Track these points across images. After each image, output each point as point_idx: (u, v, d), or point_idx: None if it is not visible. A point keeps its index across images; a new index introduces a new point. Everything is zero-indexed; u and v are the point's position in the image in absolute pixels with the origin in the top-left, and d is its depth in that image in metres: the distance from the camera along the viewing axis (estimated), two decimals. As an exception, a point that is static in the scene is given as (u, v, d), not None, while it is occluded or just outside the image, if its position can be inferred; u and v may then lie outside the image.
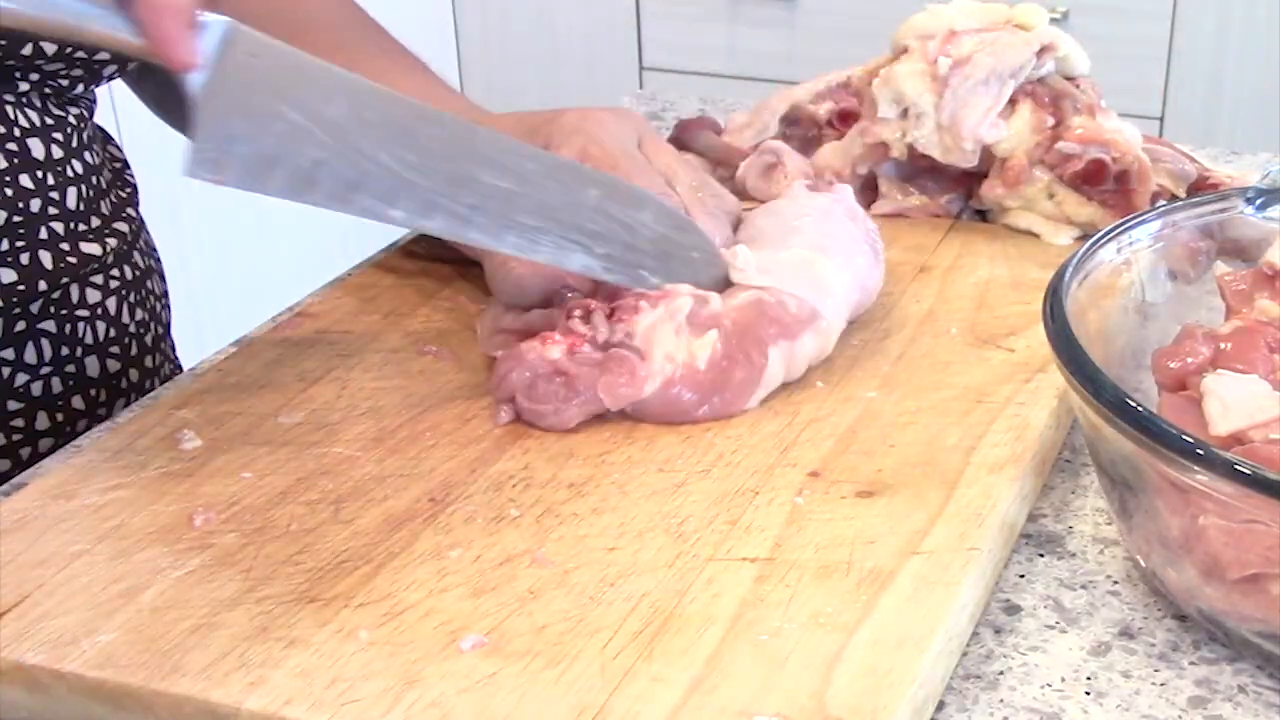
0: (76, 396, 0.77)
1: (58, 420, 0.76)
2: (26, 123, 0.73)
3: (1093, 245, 0.61)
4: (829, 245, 0.69)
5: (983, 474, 0.58)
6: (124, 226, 0.80)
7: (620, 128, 0.71)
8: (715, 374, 0.62)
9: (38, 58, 0.71)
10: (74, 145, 0.77)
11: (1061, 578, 0.57)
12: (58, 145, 0.75)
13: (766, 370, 0.63)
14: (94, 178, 0.78)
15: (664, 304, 0.63)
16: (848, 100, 0.88)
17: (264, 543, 0.55)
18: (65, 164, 0.76)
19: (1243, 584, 0.49)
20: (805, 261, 0.67)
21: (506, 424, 0.62)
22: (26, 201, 0.73)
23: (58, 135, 0.75)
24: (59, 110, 0.76)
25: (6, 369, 0.73)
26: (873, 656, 0.48)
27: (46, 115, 0.75)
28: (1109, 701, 0.50)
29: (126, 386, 0.80)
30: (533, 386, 0.62)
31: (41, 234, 0.74)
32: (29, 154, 0.73)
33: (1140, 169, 0.79)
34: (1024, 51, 0.80)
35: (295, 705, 0.47)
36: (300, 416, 0.64)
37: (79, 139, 0.77)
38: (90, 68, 0.74)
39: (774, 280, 0.66)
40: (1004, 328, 0.70)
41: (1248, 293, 0.61)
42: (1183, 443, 0.47)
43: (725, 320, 0.64)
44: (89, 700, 0.49)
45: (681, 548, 0.54)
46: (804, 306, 0.65)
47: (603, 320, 0.63)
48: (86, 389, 0.77)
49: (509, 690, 0.47)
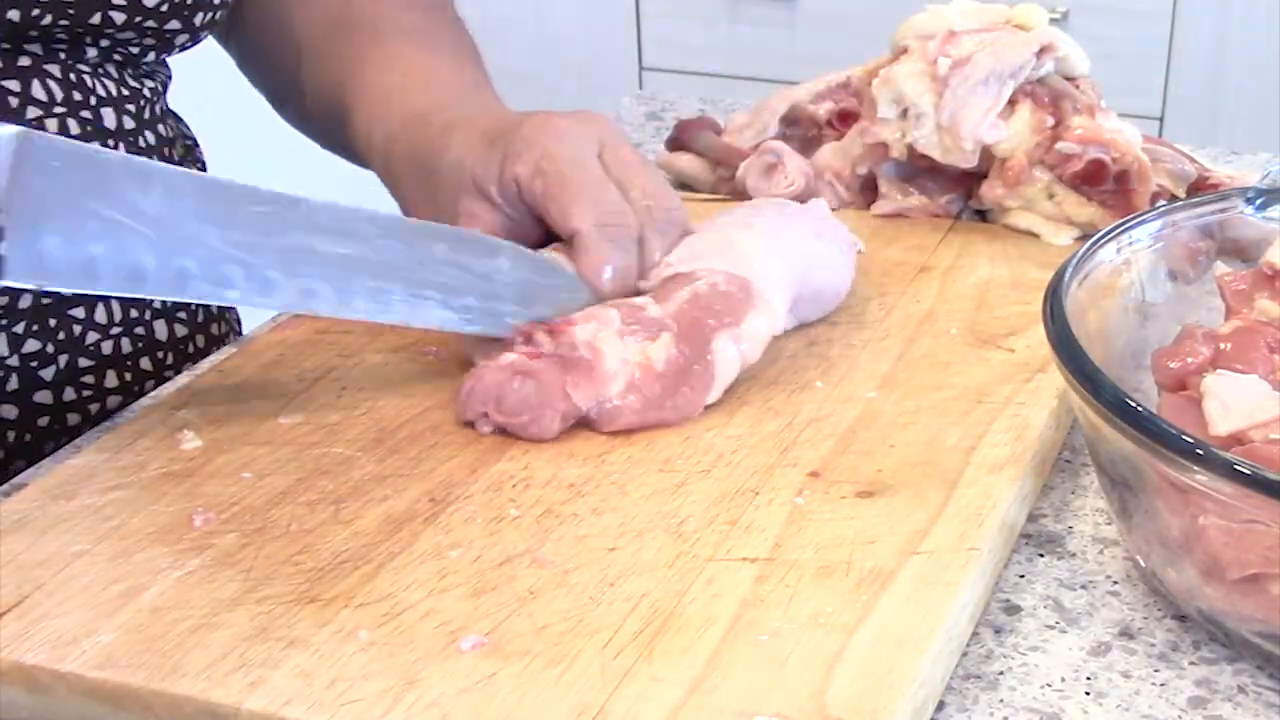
0: (145, 358, 0.78)
1: (126, 380, 0.78)
2: (103, 91, 0.75)
3: (1093, 245, 0.61)
4: (753, 222, 0.69)
5: (983, 474, 0.58)
6: None
7: (579, 136, 0.70)
8: (673, 374, 0.62)
9: (107, 26, 0.73)
10: (147, 117, 0.79)
11: (1061, 578, 0.57)
12: (130, 116, 0.77)
13: (718, 364, 0.63)
14: (166, 149, 0.81)
15: (593, 319, 0.63)
16: (848, 100, 0.88)
17: (264, 543, 0.55)
18: (138, 134, 0.77)
19: (1243, 584, 0.49)
20: (724, 239, 0.67)
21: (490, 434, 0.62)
22: None
23: (130, 106, 0.77)
24: (134, 82, 0.78)
25: (78, 327, 0.75)
26: (873, 656, 0.48)
27: (123, 85, 0.76)
28: (1109, 701, 0.50)
29: (194, 351, 0.82)
30: (502, 397, 0.61)
31: None
32: (101, 123, 0.75)
33: (1140, 169, 0.79)
34: (1024, 51, 0.80)
35: (295, 705, 0.47)
36: (300, 416, 0.64)
37: (152, 111, 0.79)
38: (161, 36, 0.76)
39: (695, 264, 0.66)
40: (1004, 328, 0.70)
41: (1248, 293, 0.61)
42: (1183, 443, 0.47)
43: (668, 321, 0.63)
44: (89, 700, 0.49)
45: (681, 548, 0.54)
46: (734, 281, 0.65)
47: (545, 338, 0.63)
48: (154, 351, 0.79)
49: (509, 690, 0.47)
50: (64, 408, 0.75)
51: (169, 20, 0.75)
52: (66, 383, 0.75)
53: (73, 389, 0.75)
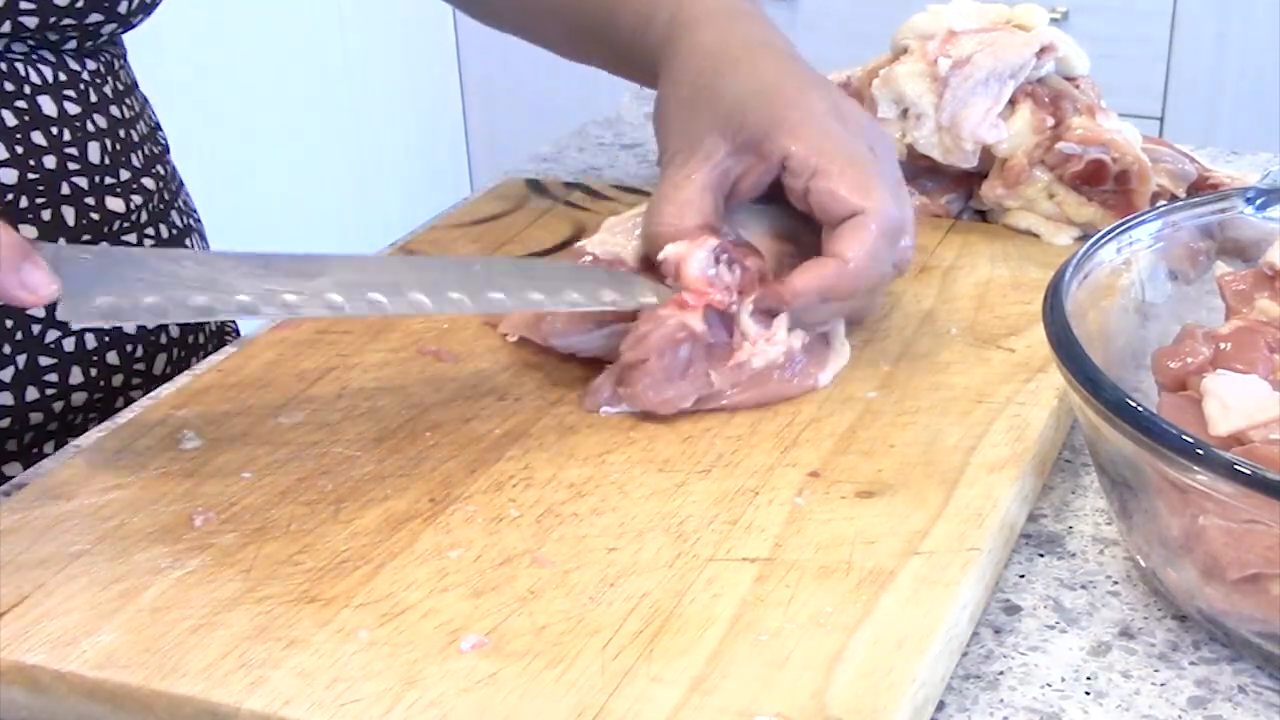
0: (112, 352, 0.78)
1: (91, 375, 0.77)
2: (38, 79, 0.75)
3: (1093, 245, 0.61)
4: None
5: (983, 474, 0.58)
6: (151, 184, 0.82)
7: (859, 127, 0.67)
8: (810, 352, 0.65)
9: (20, 31, 0.72)
10: (92, 100, 0.78)
11: (1061, 578, 0.57)
12: (72, 101, 0.76)
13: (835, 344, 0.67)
14: (120, 131, 0.80)
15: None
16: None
17: (264, 543, 0.55)
18: (84, 119, 0.77)
19: (1243, 584, 0.49)
20: None
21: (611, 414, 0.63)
22: (40, 159, 0.74)
23: (70, 92, 0.76)
24: (75, 64, 0.77)
25: (36, 326, 0.74)
26: (873, 656, 0.48)
27: (60, 71, 0.76)
28: (1109, 701, 0.50)
29: (167, 342, 0.82)
30: (667, 351, 0.62)
31: (63, 189, 0.75)
32: (40, 111, 0.74)
33: (1140, 169, 0.79)
34: (1024, 52, 0.80)
35: (295, 705, 0.47)
36: (300, 416, 0.64)
37: (98, 94, 0.78)
38: (84, 29, 0.76)
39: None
40: (1004, 328, 0.70)
41: (1248, 293, 0.61)
42: (1183, 443, 0.47)
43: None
44: (89, 700, 0.49)
45: (681, 548, 0.54)
46: None
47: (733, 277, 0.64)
48: (122, 344, 0.78)
49: (509, 690, 0.47)
50: (27, 408, 0.75)
51: (88, 14, 0.75)
52: (29, 383, 0.75)
53: (35, 389, 0.75)
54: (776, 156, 0.65)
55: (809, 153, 0.65)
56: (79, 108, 0.76)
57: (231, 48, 2.13)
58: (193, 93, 1.90)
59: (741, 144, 0.66)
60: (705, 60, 0.69)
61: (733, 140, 0.66)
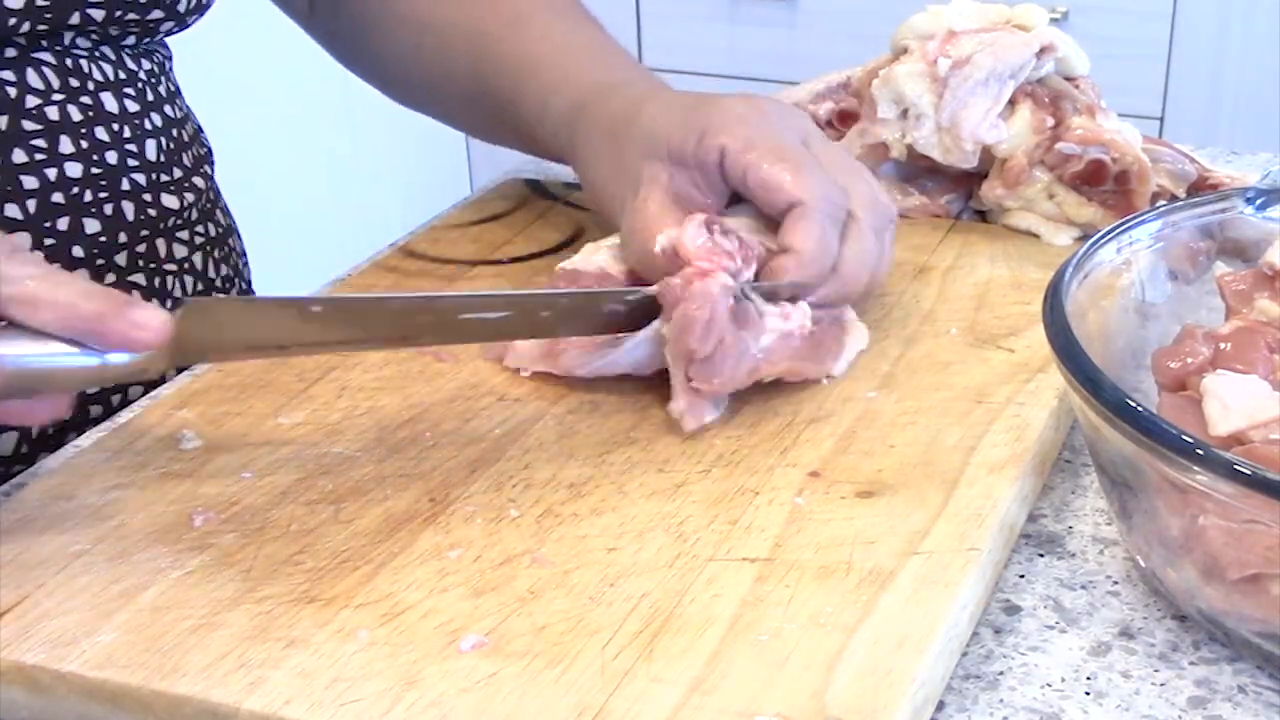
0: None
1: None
2: (101, 76, 0.77)
3: (1093, 245, 0.61)
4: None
5: (983, 474, 0.58)
6: (201, 182, 0.84)
7: (786, 124, 0.69)
8: (820, 333, 0.65)
9: (88, 24, 0.74)
10: (149, 99, 0.80)
11: (1061, 578, 0.57)
12: (131, 99, 0.78)
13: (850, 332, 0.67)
14: (173, 130, 0.82)
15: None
16: (848, 100, 0.87)
17: (264, 543, 0.55)
18: (142, 117, 0.79)
19: (1243, 584, 0.49)
20: None
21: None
22: (103, 154, 0.76)
23: (130, 90, 0.78)
24: (132, 64, 0.79)
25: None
26: (873, 656, 0.48)
27: (120, 69, 0.78)
28: (1109, 701, 0.50)
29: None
30: (717, 305, 0.61)
31: (124, 185, 0.77)
32: (103, 107, 0.76)
33: (1140, 169, 0.79)
34: (1024, 52, 0.80)
35: (295, 705, 0.47)
36: (300, 416, 0.64)
37: (154, 93, 0.81)
38: (146, 25, 0.78)
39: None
40: (1004, 328, 0.70)
41: (1248, 293, 0.61)
42: (1183, 443, 0.47)
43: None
44: (89, 700, 0.49)
45: (681, 548, 0.54)
46: None
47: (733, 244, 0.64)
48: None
49: (509, 690, 0.47)
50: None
51: (151, 10, 0.77)
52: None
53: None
54: (713, 156, 0.67)
55: (740, 148, 0.66)
56: (137, 105, 0.79)
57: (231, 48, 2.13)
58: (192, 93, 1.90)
59: (677, 158, 0.68)
60: (617, 115, 0.72)
61: (668, 157, 0.68)
